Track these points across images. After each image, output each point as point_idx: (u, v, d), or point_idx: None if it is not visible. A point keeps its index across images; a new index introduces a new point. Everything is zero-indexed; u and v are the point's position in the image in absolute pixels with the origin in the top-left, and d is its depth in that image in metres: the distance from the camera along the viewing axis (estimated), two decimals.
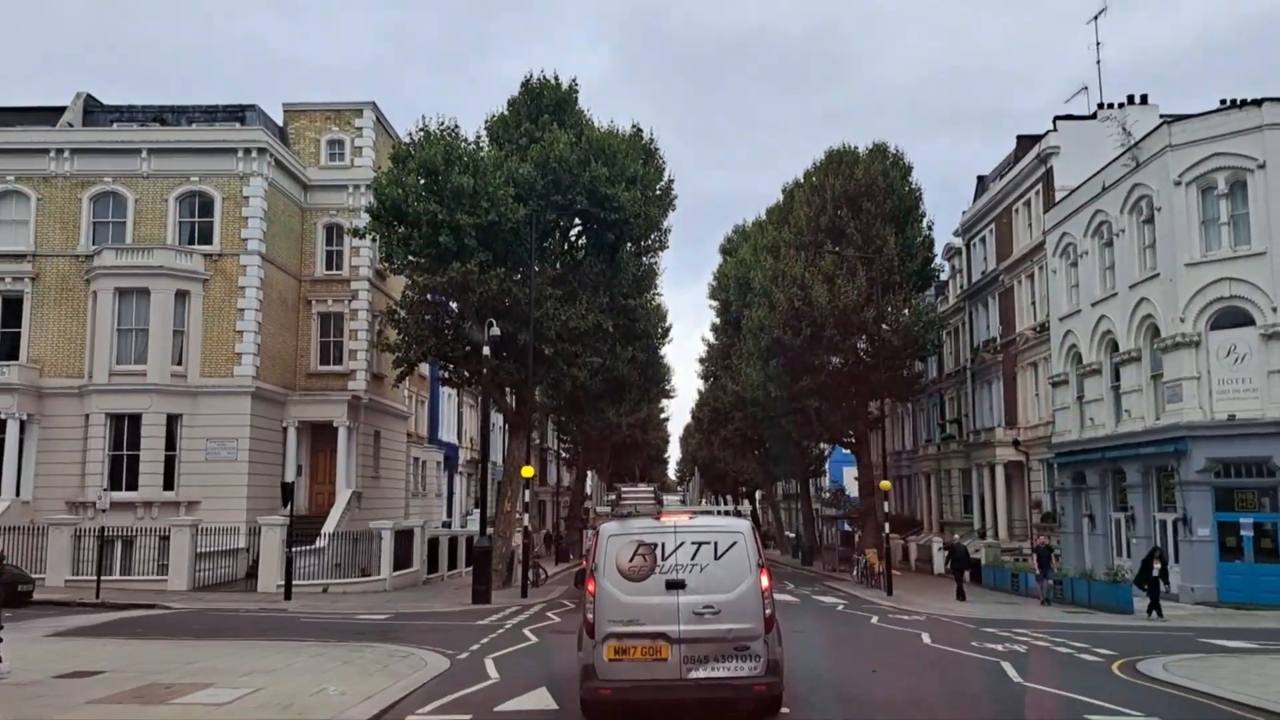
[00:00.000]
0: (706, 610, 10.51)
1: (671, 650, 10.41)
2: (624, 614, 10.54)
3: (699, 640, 10.43)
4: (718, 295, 64.31)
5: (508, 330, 32.77)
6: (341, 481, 37.87)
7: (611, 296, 34.35)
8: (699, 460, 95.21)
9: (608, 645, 10.51)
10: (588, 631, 10.79)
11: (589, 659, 10.68)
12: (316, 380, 39.36)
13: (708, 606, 10.52)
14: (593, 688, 10.56)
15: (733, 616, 10.52)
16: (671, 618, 10.49)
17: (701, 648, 10.42)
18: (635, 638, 10.48)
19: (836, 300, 44.26)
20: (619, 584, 10.71)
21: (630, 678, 10.44)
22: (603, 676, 10.50)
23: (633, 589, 10.67)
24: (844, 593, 36.90)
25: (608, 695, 10.51)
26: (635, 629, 10.49)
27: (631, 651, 10.46)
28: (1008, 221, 46.85)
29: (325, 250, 40.03)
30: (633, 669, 10.44)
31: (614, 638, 10.50)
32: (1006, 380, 46.76)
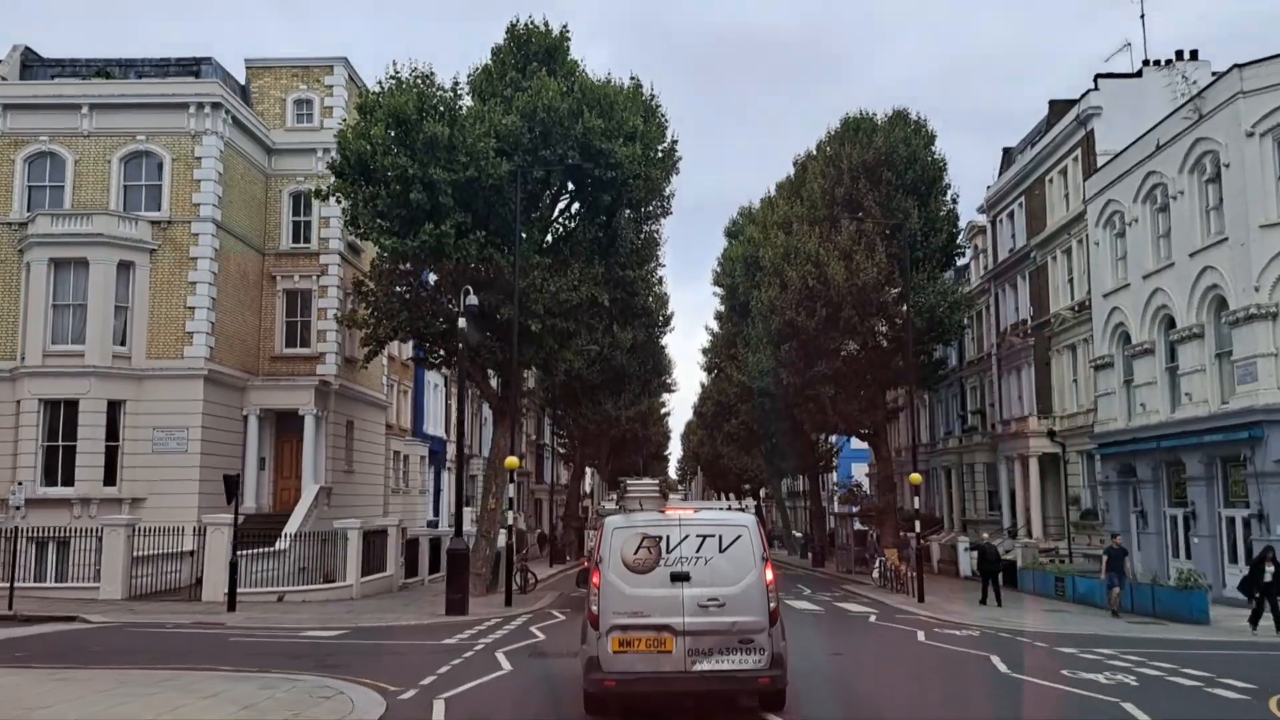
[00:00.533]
0: (711, 603, 10.41)
1: (676, 642, 10.30)
2: (628, 606, 10.42)
3: (703, 633, 10.32)
4: (722, 281, 60.10)
5: (489, 303, 28.55)
6: (308, 476, 33.64)
7: (607, 267, 30.12)
8: (701, 457, 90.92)
9: (612, 637, 10.38)
10: (591, 624, 10.62)
11: (593, 651, 10.51)
12: (282, 364, 35.15)
13: (712, 599, 10.42)
14: (596, 680, 10.43)
15: (737, 609, 10.41)
16: (676, 610, 10.38)
17: (706, 640, 10.31)
18: (640, 629, 10.35)
19: (854, 278, 40.05)
20: (624, 576, 10.59)
21: (634, 670, 10.30)
22: (607, 668, 10.36)
23: (637, 581, 10.54)
24: (868, 599, 32.68)
25: (611, 687, 10.38)
26: (640, 621, 10.37)
27: (636, 643, 10.33)
28: (1040, 193, 42.64)
29: (291, 221, 35.80)
30: (637, 661, 10.31)
31: (618, 629, 10.38)
32: (1039, 366, 42.56)
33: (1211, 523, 29.83)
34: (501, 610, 26.11)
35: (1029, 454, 40.44)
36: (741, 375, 56.03)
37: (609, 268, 30.23)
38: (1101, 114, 37.68)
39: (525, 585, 32.49)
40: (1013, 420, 42.82)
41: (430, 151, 26.89)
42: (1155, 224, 32.86)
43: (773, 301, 42.00)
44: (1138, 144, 33.48)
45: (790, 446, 59.46)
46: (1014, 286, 45.32)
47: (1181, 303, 30.85)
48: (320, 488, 33.56)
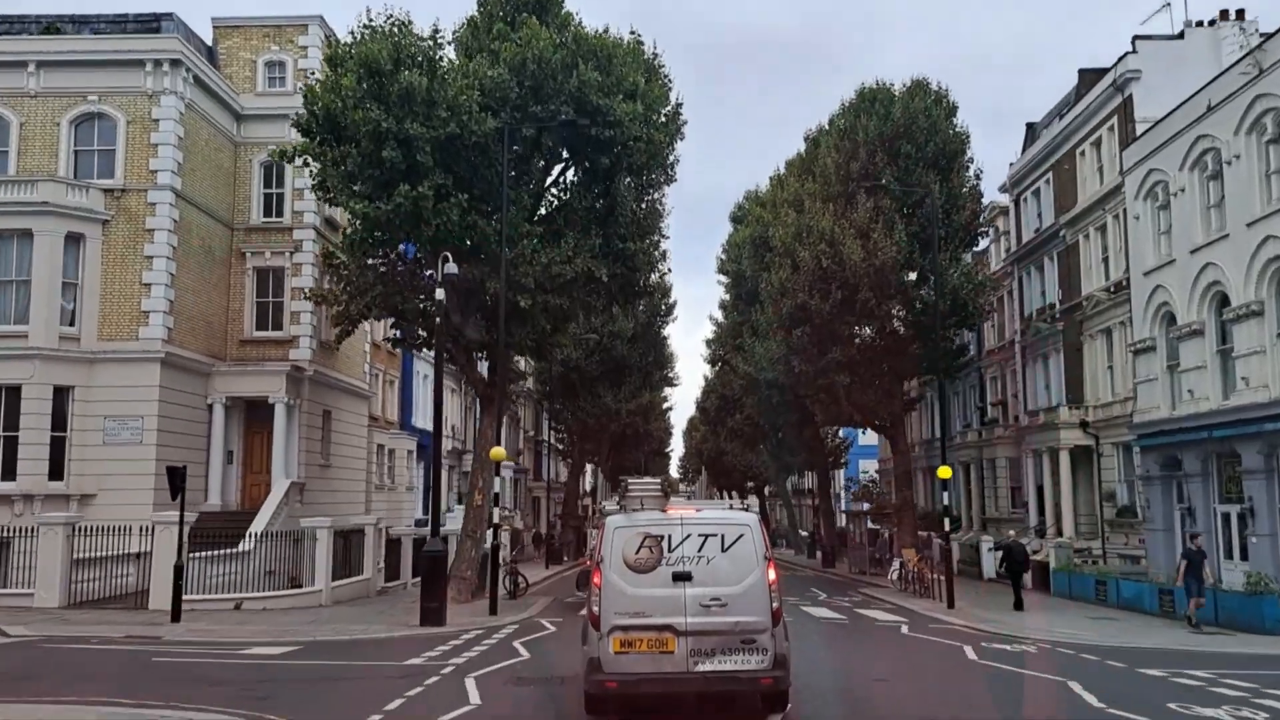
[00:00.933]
0: (713, 603, 10.21)
1: (678, 643, 10.07)
2: (630, 606, 10.22)
3: (706, 633, 10.11)
4: (728, 268, 56.94)
5: (474, 277, 25.44)
6: (279, 469, 30.50)
7: (605, 238, 26.97)
8: (704, 454, 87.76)
9: (613, 638, 10.17)
10: (593, 624, 10.36)
11: (594, 652, 10.27)
12: (252, 348, 32.02)
13: (715, 599, 10.22)
14: (598, 681, 10.20)
15: (740, 609, 10.20)
16: (678, 610, 10.16)
17: (708, 640, 10.10)
18: (641, 630, 10.13)
19: (872, 258, 36.89)
20: (625, 576, 10.39)
21: (636, 670, 10.08)
22: (608, 669, 10.13)
23: (639, 581, 10.34)
24: (891, 604, 29.54)
25: (613, 689, 10.16)
26: (641, 621, 10.15)
27: (637, 644, 10.11)
28: (1070, 167, 39.46)
29: (262, 193, 32.64)
30: (639, 661, 10.09)
31: (620, 630, 10.16)
32: (1068, 352, 39.37)
33: (1272, 520, 26.62)
34: (485, 620, 22.97)
35: (1060, 447, 37.26)
36: (748, 366, 52.85)
37: (607, 239, 27.09)
38: (1140, 78, 34.49)
39: (515, 590, 29.36)
40: (1041, 411, 39.65)
41: (406, 105, 23.77)
42: (1205, 193, 29.66)
43: (784, 284, 38.84)
44: (1184, 106, 30.28)
45: (798, 441, 56.40)
46: (1040, 269, 42.15)
47: (1237, 278, 27.63)
48: (292, 483, 30.43)
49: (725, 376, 68.81)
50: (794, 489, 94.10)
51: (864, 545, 45.30)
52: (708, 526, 10.63)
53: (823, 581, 41.05)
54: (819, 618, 24.53)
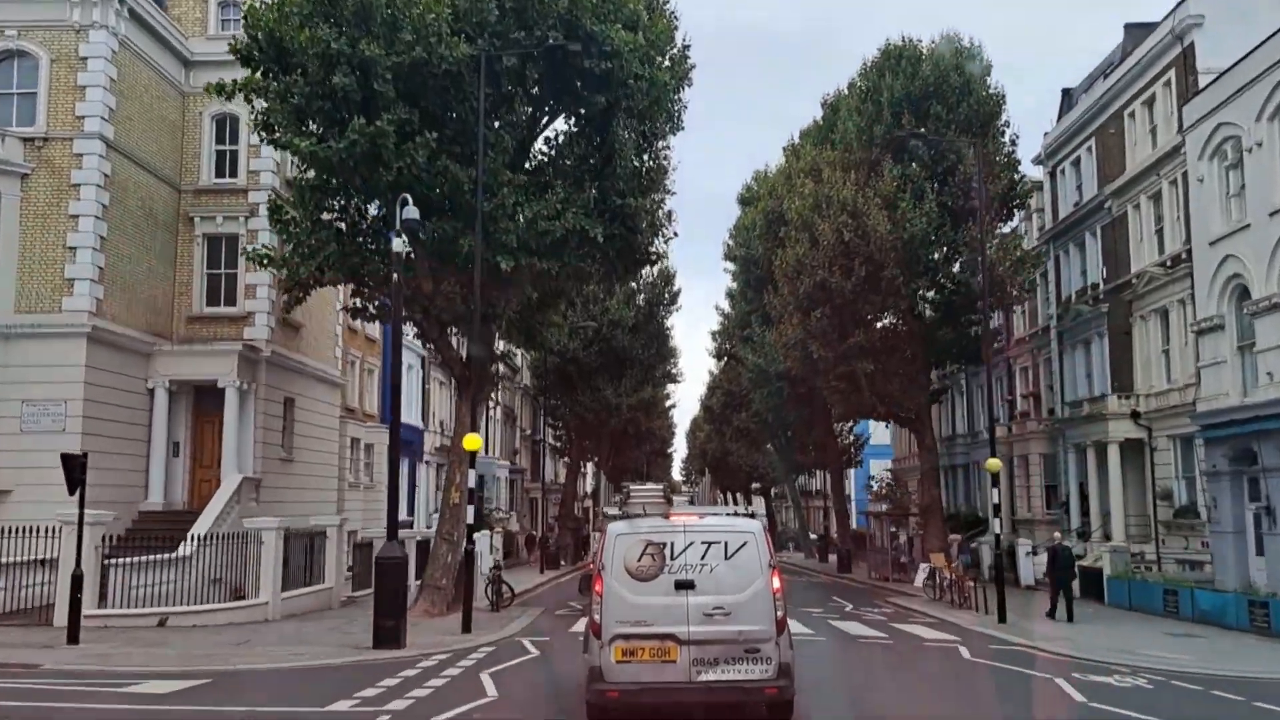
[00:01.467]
0: (717, 611, 9.94)
1: (680, 652, 9.82)
2: (632, 614, 9.96)
3: (709, 642, 9.85)
4: (735, 254, 52.79)
5: (445, 233, 21.32)
6: (229, 463, 26.36)
7: (601, 192, 22.86)
8: (708, 454, 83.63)
9: (615, 646, 9.91)
10: (594, 632, 10.08)
11: (595, 660, 9.99)
12: (202, 326, 27.90)
13: (718, 607, 9.96)
14: (599, 690, 9.90)
15: (743, 618, 9.94)
16: (681, 618, 9.91)
17: (711, 649, 9.84)
18: (643, 639, 9.89)
19: (900, 230, 32.82)
20: (627, 584, 10.12)
21: (638, 680, 9.84)
22: (609, 679, 9.87)
23: (641, 589, 10.09)
24: (931, 617, 25.41)
25: (615, 698, 9.86)
26: (643, 630, 9.90)
27: (639, 653, 9.87)
28: (1116, 131, 35.32)
29: (214, 150, 28.53)
30: (641, 671, 9.85)
31: (621, 639, 9.90)
32: (1114, 337, 35.21)
33: None
34: (455, 639, 18.81)
35: (1108, 440, 33.08)
36: (757, 358, 48.75)
37: (603, 194, 22.96)
38: (1203, 24, 30.36)
39: (498, 601, 25.24)
40: (1084, 402, 35.45)
41: (363, 23, 19.68)
42: None
43: (800, 260, 34.71)
44: (1260, 50, 26.17)
45: (809, 439, 52.31)
46: (1080, 246, 37.99)
47: None
48: (245, 478, 26.29)
49: (732, 372, 64.83)
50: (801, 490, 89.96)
51: (885, 549, 41.11)
52: (711, 534, 10.37)
53: (842, 589, 36.87)
54: (856, 636, 20.37)
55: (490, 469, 56.06)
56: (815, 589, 36.92)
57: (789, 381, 47.44)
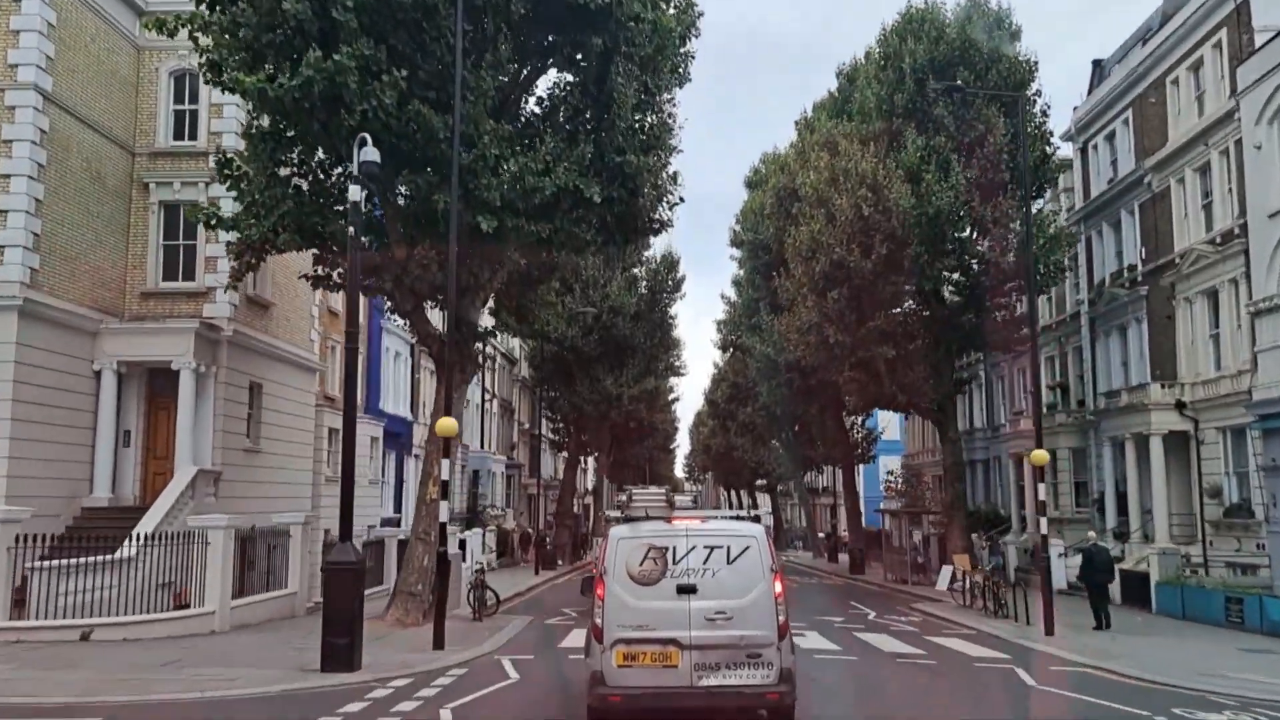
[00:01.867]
0: (719, 616, 9.85)
1: (682, 656, 9.72)
2: (633, 619, 9.87)
3: (710, 646, 9.75)
4: (743, 239, 49.84)
5: (418, 188, 18.44)
6: (184, 453, 23.47)
7: (598, 148, 19.99)
8: (712, 450, 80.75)
9: (616, 651, 9.82)
10: (596, 637, 9.99)
11: (597, 665, 9.90)
12: (158, 303, 25.00)
13: (720, 612, 9.87)
14: (601, 695, 9.82)
15: (745, 623, 9.85)
16: (682, 623, 9.81)
17: (713, 654, 9.74)
18: (645, 643, 9.78)
19: (924, 205, 29.98)
20: (629, 588, 10.01)
21: (640, 684, 9.73)
22: (611, 683, 9.78)
23: (643, 593, 9.97)
24: (967, 628, 22.50)
25: (616, 703, 9.76)
26: (645, 634, 9.80)
27: (641, 657, 9.75)
28: (1158, 100, 32.37)
29: (173, 110, 25.63)
30: (642, 675, 9.74)
31: (623, 643, 9.81)
32: (1155, 321, 32.29)
33: None
34: (424, 657, 15.95)
35: (1150, 432, 30.15)
36: (765, 347, 45.86)
37: (600, 150, 20.08)
38: None
39: (481, 609, 22.36)
40: (1121, 392, 32.50)
41: None
42: None
43: (816, 238, 31.80)
44: None
45: (819, 433, 49.45)
46: (1115, 226, 35.04)
47: None
48: (201, 471, 23.41)
49: (738, 364, 62.03)
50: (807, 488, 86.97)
51: (903, 549, 38.19)
52: (713, 538, 10.30)
53: (859, 593, 33.97)
54: (891, 654, 17.45)
55: (485, 464, 53.23)
56: (829, 593, 34.04)
57: (799, 372, 44.56)
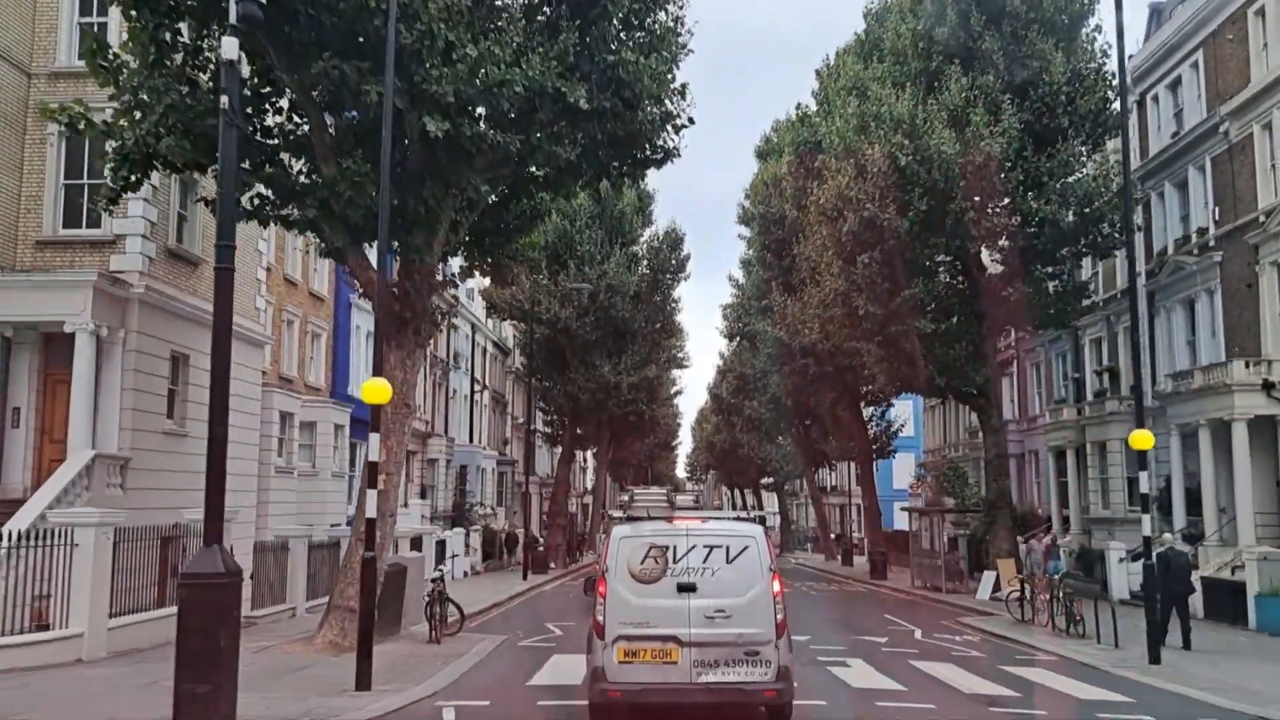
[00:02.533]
0: (718, 614, 9.88)
1: (682, 653, 9.77)
2: (634, 616, 9.89)
3: (709, 644, 9.80)
4: (752, 214, 45.29)
5: (345, 81, 13.84)
6: (79, 435, 18.83)
7: (585, 44, 15.46)
8: (716, 447, 76.15)
9: (617, 647, 9.84)
10: (597, 633, 9.99)
11: (598, 661, 9.94)
12: (56, 254, 20.40)
13: (719, 610, 9.89)
14: (601, 690, 9.84)
15: (744, 621, 9.88)
16: (682, 621, 9.85)
17: (712, 652, 9.79)
18: (645, 640, 9.82)
19: (970, 152, 25.40)
20: (630, 586, 10.05)
21: (640, 680, 9.75)
22: (612, 679, 9.78)
23: (644, 591, 10.02)
24: (1043, 652, 17.89)
25: (617, 698, 9.80)
26: (645, 631, 9.83)
27: (641, 654, 9.80)
28: (1235, 37, 27.73)
29: (76, 23, 21.07)
30: (642, 672, 9.76)
31: (624, 640, 9.84)
32: (1230, 291, 27.67)
33: None
34: (337, 705, 11.34)
35: (1232, 417, 25.50)
36: (777, 330, 41.29)
37: (588, 46, 15.52)
38: None
39: (439, 628, 17.73)
40: (1195, 372, 27.84)
41: None
42: None
43: (843, 194, 27.23)
44: None
45: (833, 426, 44.95)
46: (1180, 185, 30.42)
47: None
48: (99, 456, 18.80)
49: (745, 354, 57.50)
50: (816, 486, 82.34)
51: (935, 552, 33.54)
52: (713, 538, 10.29)
53: (890, 603, 29.33)
54: (971, 695, 12.75)
55: (474, 459, 48.64)
56: (858, 602, 29.45)
57: (813, 358, 40.07)
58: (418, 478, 42.01)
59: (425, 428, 42.17)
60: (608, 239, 41.21)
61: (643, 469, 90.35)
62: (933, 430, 53.71)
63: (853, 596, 32.06)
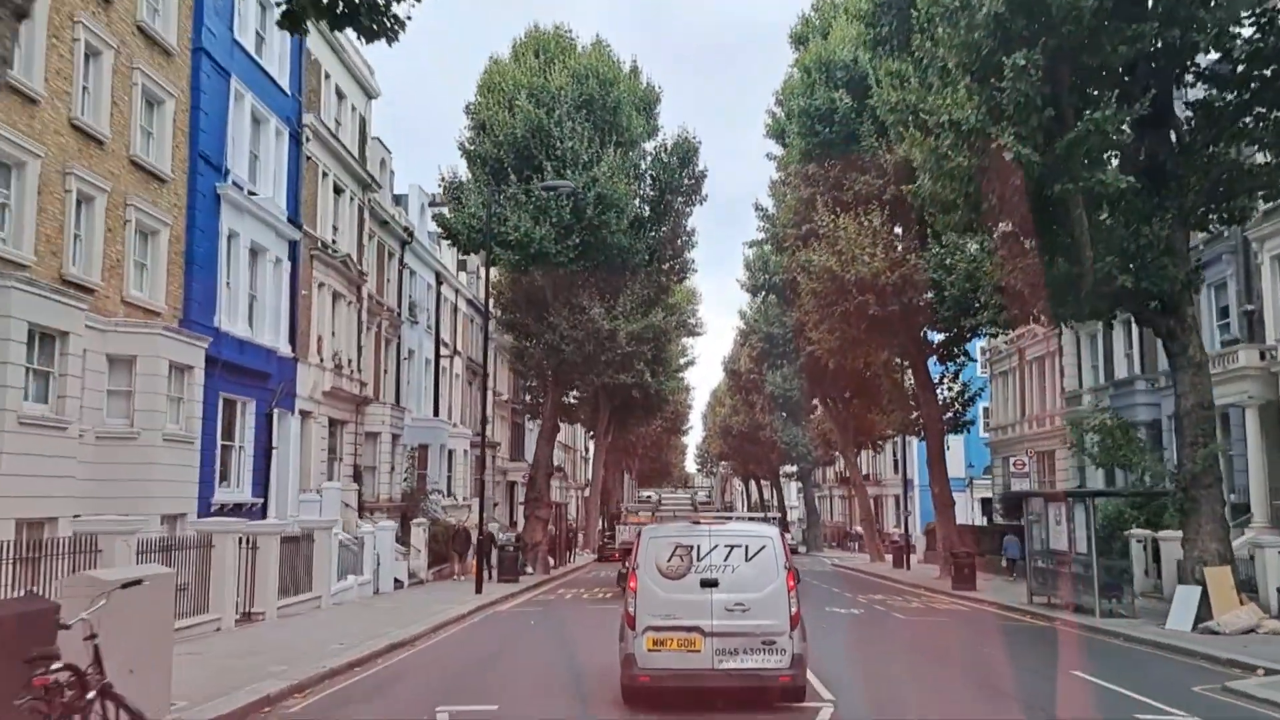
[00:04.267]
0: (737, 607, 10.46)
1: (704, 643, 10.38)
2: (662, 609, 10.52)
3: (729, 634, 10.39)
4: (790, 113, 33.67)
5: None
6: None
7: None
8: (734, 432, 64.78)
9: (646, 637, 10.47)
10: (629, 624, 10.67)
11: (629, 649, 10.59)
12: None
13: (738, 604, 10.48)
14: (632, 675, 10.53)
15: (761, 613, 10.46)
16: (705, 613, 10.44)
17: (732, 641, 10.38)
18: (672, 630, 10.43)
19: None
20: (658, 581, 10.68)
21: (666, 666, 10.42)
22: (641, 665, 10.47)
23: (670, 586, 10.64)
24: None
25: (646, 682, 10.49)
26: (672, 622, 10.45)
27: (668, 643, 10.43)
28: None
29: None
30: (669, 659, 10.42)
31: (652, 630, 10.46)
32: None
33: None
34: None
35: None
36: (826, 257, 29.87)
37: None
38: None
39: None
40: None
41: None
42: None
43: None
44: None
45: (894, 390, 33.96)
46: None
47: None
48: None
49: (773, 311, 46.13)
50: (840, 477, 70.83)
51: (1068, 559, 21.93)
52: (733, 538, 10.94)
53: (1046, 640, 17.89)
54: None
55: (438, 436, 37.26)
56: (995, 638, 18.04)
57: (874, 294, 28.98)
58: (349, 455, 30.70)
59: (359, 390, 30.83)
60: (598, 136, 29.86)
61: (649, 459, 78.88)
62: (1006, 402, 42.23)
63: (969, 623, 20.58)
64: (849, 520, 69.69)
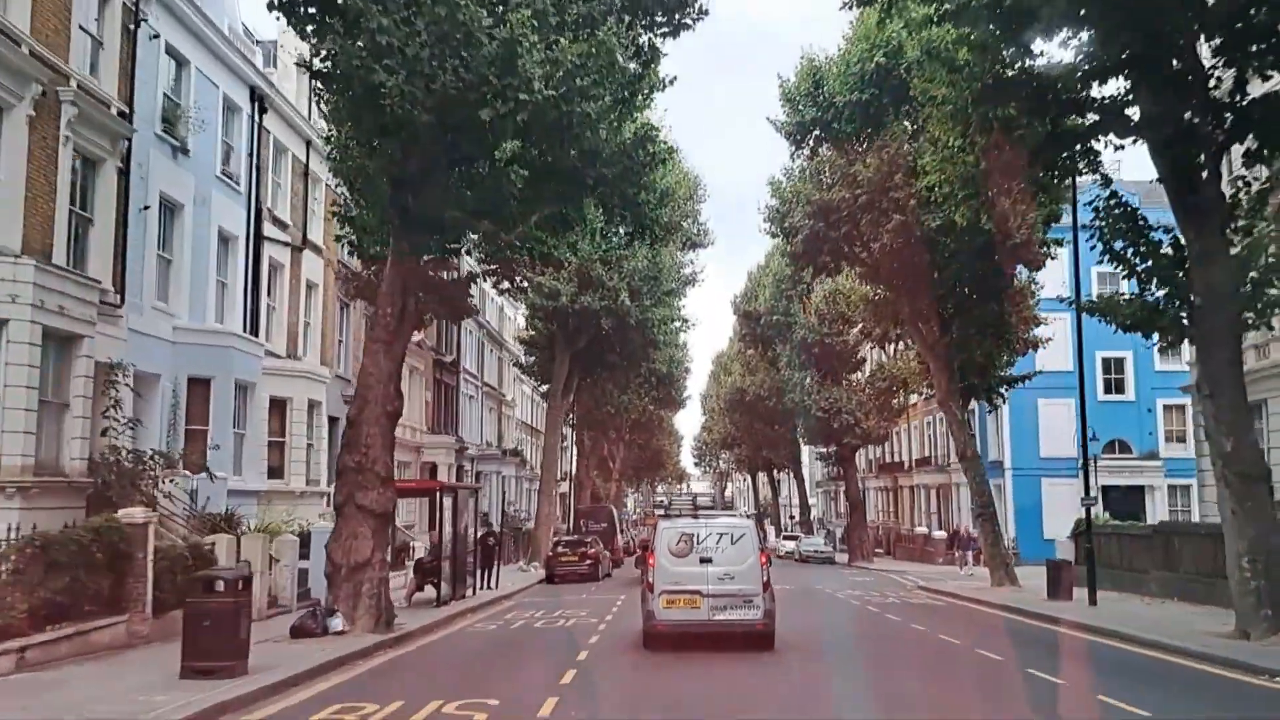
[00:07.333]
0: (726, 577, 17.01)
1: (703, 602, 16.96)
2: (672, 579, 17.17)
3: (720, 595, 16.93)
4: None
5: None
6: None
7: None
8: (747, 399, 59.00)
9: (662, 598, 17.06)
10: (649, 590, 17.44)
11: (650, 607, 17.24)
12: None
13: (726, 574, 17.03)
14: (653, 625, 17.20)
15: (742, 581, 17.06)
16: (703, 581, 17.03)
17: (722, 600, 16.92)
18: (679, 593, 17.05)
19: None
20: (669, 559, 17.40)
21: (676, 619, 17.04)
22: (659, 618, 17.07)
23: (678, 562, 17.31)
24: None
25: (663, 630, 17.04)
26: (680, 587, 17.09)
27: (677, 602, 17.01)
28: None
29: None
30: (678, 614, 17.03)
31: (666, 593, 17.10)
32: None
33: None
34: None
35: None
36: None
37: None
38: None
39: None
40: None
41: None
42: None
43: None
44: None
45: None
46: None
47: None
48: None
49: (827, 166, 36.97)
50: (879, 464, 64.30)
51: None
52: (722, 528, 18.17)
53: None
54: None
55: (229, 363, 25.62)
56: None
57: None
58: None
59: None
60: None
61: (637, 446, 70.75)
62: None
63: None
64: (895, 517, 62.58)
